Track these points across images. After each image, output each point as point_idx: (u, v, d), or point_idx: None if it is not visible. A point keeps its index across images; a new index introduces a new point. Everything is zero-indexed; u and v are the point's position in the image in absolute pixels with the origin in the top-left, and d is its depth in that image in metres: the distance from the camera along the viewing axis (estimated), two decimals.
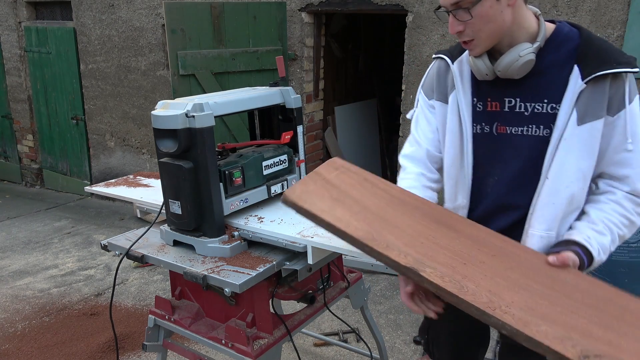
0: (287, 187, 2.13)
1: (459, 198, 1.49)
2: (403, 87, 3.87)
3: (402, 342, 3.02)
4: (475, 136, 1.44)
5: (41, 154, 6.40)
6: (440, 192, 1.58)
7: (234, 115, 2.06)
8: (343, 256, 2.22)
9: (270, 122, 2.22)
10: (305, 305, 2.09)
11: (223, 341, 1.85)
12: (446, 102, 1.48)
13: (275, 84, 2.15)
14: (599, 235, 1.30)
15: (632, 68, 1.26)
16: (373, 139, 5.81)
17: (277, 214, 1.99)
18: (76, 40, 5.60)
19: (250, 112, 2.21)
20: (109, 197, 3.05)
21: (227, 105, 1.88)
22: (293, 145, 2.15)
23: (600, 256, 1.28)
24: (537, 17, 1.37)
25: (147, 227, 2.00)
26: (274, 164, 2.07)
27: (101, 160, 5.86)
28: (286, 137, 2.11)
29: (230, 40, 3.86)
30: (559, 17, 3.22)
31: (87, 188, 2.49)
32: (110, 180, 2.55)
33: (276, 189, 2.08)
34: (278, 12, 4.08)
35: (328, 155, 4.92)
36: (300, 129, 2.14)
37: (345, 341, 3.03)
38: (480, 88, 1.43)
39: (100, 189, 2.42)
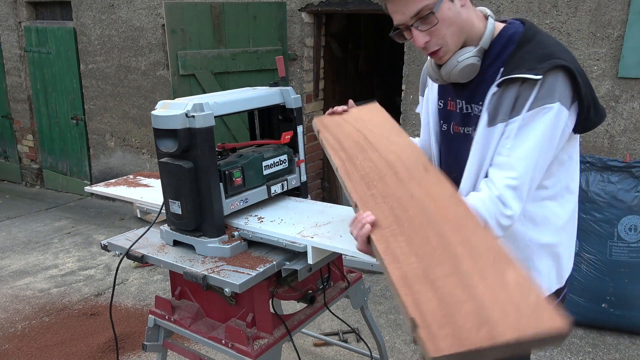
0: (287, 187, 2.14)
1: None
2: (403, 87, 3.87)
3: (402, 342, 3.02)
4: (440, 133, 1.50)
5: (41, 154, 6.40)
6: None
7: (234, 115, 2.06)
8: (343, 256, 2.22)
9: (270, 122, 2.22)
10: (305, 305, 2.09)
11: (223, 341, 1.85)
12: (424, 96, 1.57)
13: (275, 84, 2.15)
14: None
15: (535, 74, 1.18)
16: None
17: (277, 214, 1.99)
18: (76, 40, 5.60)
19: (250, 112, 2.21)
20: (109, 197, 3.05)
21: (227, 105, 1.89)
22: (293, 145, 2.15)
23: None
24: (486, 17, 1.35)
25: (147, 227, 2.00)
26: (274, 164, 2.07)
27: (101, 160, 5.86)
28: (286, 137, 2.11)
29: (230, 40, 3.86)
30: (559, 17, 3.22)
31: (87, 188, 2.49)
32: (110, 180, 2.55)
33: (276, 189, 2.08)
34: (278, 12, 4.08)
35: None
36: (300, 129, 2.14)
37: (345, 341, 3.03)
38: (445, 87, 1.46)
39: (100, 189, 2.42)
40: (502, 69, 1.28)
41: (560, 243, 1.42)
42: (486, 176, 1.29)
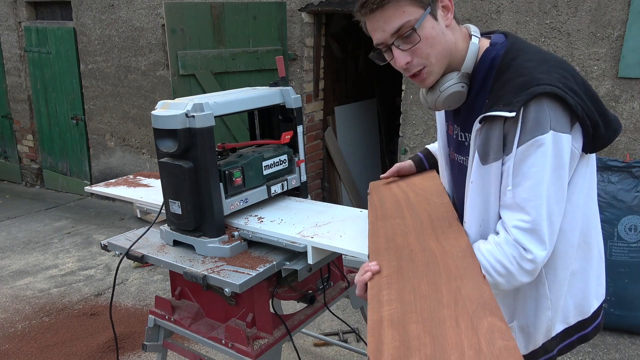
0: (287, 187, 2.14)
1: None
2: (403, 87, 3.87)
3: None
4: (447, 157, 1.45)
5: (41, 154, 6.40)
6: None
7: (234, 115, 2.06)
8: (343, 256, 2.22)
9: (270, 122, 2.22)
10: (305, 305, 2.09)
11: (223, 341, 1.85)
12: None
13: (275, 84, 2.15)
14: None
15: (510, 111, 1.08)
16: (373, 139, 5.81)
17: (277, 214, 1.99)
18: (76, 40, 5.60)
19: (250, 112, 2.21)
20: (109, 197, 3.06)
21: (227, 105, 1.89)
22: (293, 145, 2.16)
23: None
24: (470, 36, 1.26)
25: (147, 227, 2.00)
26: (274, 164, 2.07)
27: (101, 160, 5.86)
28: (286, 137, 2.12)
29: (230, 40, 3.86)
30: (559, 17, 3.22)
31: (87, 188, 2.49)
32: (110, 180, 2.55)
33: (276, 189, 2.08)
34: (278, 12, 4.08)
35: (328, 155, 4.91)
36: (300, 129, 2.14)
37: (345, 341, 3.03)
38: (448, 111, 1.39)
39: (100, 189, 2.42)
40: (487, 101, 1.18)
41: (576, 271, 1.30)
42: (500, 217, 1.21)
